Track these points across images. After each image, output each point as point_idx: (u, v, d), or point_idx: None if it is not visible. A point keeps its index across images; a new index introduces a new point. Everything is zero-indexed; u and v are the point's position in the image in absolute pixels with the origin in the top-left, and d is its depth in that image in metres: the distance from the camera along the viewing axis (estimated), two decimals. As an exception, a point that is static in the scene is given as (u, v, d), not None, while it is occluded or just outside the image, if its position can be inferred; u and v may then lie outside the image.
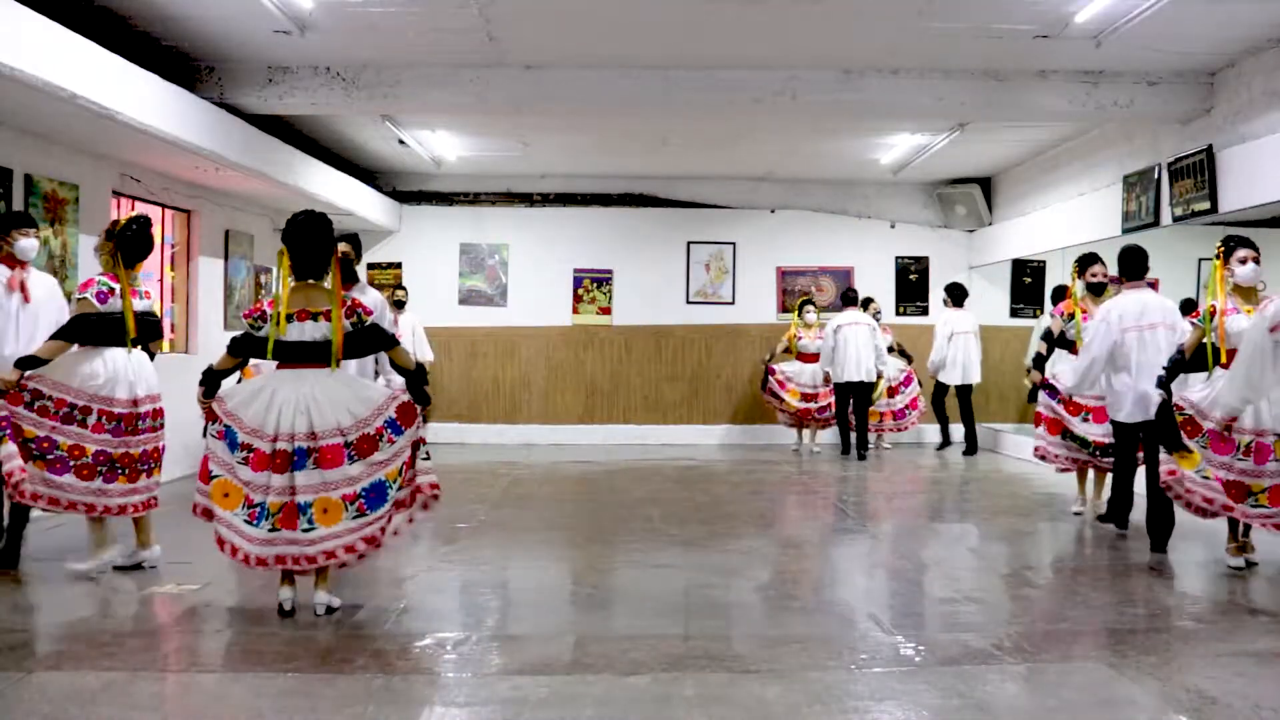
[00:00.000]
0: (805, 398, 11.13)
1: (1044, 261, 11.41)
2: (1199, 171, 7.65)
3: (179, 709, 3.58)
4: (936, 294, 12.45)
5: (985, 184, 12.31)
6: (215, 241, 9.63)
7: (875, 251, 12.67)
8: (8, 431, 4.92)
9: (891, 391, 11.39)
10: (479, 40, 7.26)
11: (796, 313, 11.47)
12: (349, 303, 4.61)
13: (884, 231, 12.71)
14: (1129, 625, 4.62)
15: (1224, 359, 5.43)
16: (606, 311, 12.56)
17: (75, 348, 5.12)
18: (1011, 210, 11.77)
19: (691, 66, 7.89)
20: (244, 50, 7.49)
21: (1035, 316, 11.40)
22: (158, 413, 5.39)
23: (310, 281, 4.61)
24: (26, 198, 6.80)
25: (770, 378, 11.22)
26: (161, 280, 9.03)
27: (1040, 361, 7.14)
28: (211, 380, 4.65)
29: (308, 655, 4.09)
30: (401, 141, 10.28)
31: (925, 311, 12.61)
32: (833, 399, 11.00)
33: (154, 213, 8.87)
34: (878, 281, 12.64)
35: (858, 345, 10.63)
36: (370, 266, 12.41)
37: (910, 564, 5.99)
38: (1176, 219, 8.10)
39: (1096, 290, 6.93)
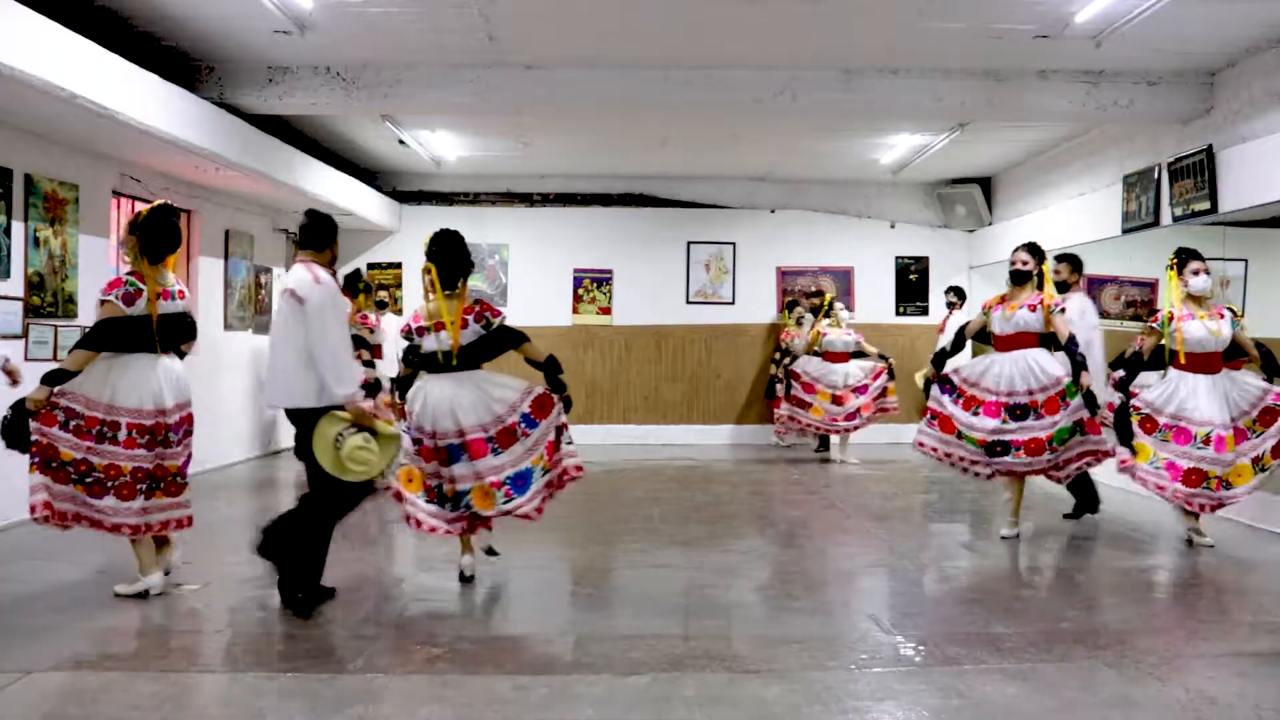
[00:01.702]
0: (835, 400, 10.45)
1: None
2: (1199, 171, 7.65)
3: (179, 709, 3.58)
4: (936, 294, 12.45)
5: (985, 184, 12.32)
6: (215, 241, 9.64)
7: (875, 251, 12.69)
8: (36, 460, 4.63)
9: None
10: (479, 40, 7.26)
11: (824, 311, 10.81)
12: (477, 308, 5.09)
13: (884, 231, 12.71)
14: (1129, 625, 4.62)
15: (1181, 359, 6.14)
16: (606, 311, 12.57)
17: (101, 355, 4.79)
18: (1011, 210, 11.77)
19: (691, 66, 7.89)
20: (244, 50, 7.49)
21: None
22: (186, 420, 4.99)
23: (447, 292, 5.08)
24: (26, 198, 6.81)
25: (795, 382, 10.56)
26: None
27: (941, 358, 6.81)
28: (403, 386, 5.23)
29: (308, 655, 4.10)
30: (401, 141, 10.28)
31: (925, 312, 12.62)
32: (861, 401, 10.41)
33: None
34: (877, 281, 12.66)
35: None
36: (370, 266, 12.44)
37: (910, 564, 5.99)
38: (1176, 219, 8.10)
39: (1017, 279, 6.51)
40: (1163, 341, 6.19)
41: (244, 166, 8.09)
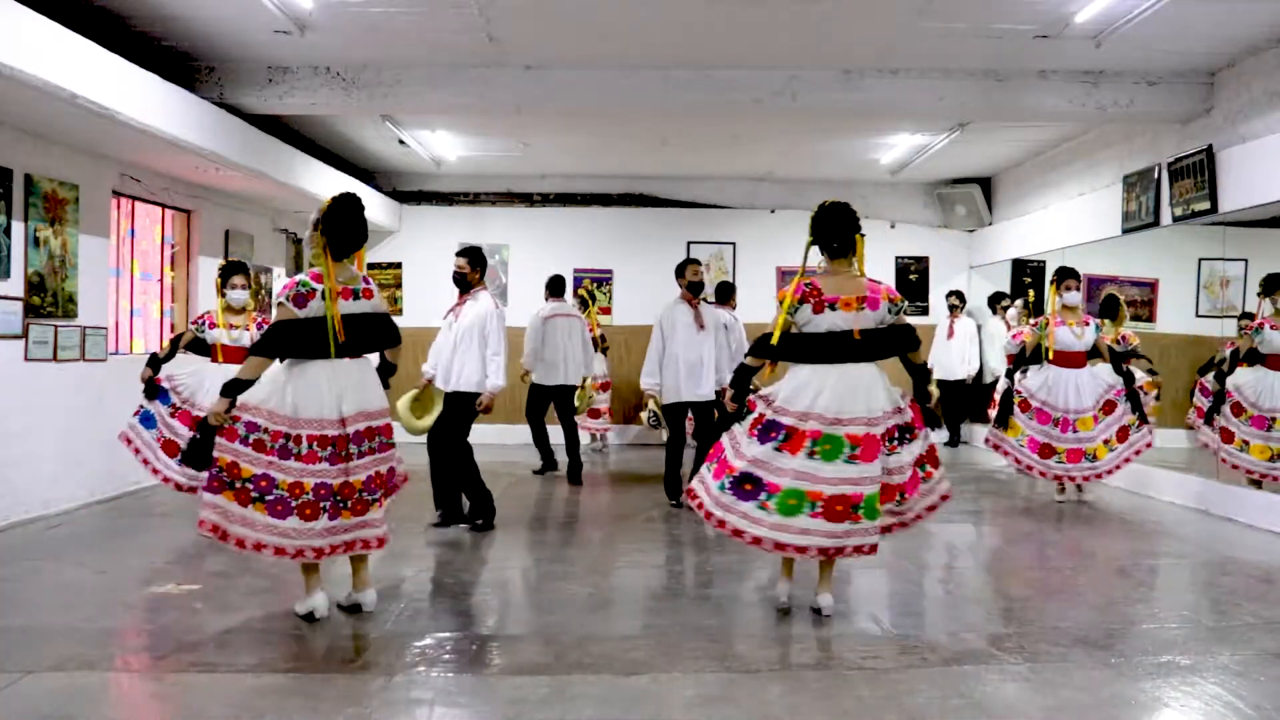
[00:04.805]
0: None
1: (1044, 261, 11.41)
2: (1199, 171, 7.65)
3: (179, 709, 3.58)
4: (936, 295, 12.47)
5: (985, 184, 12.32)
6: (215, 241, 9.63)
7: (875, 251, 12.59)
8: (214, 478, 4.31)
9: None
10: (479, 40, 7.27)
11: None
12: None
13: (884, 231, 12.70)
14: (1129, 625, 4.62)
15: (1051, 356, 7.66)
16: (606, 311, 12.56)
17: (278, 362, 4.46)
18: (1011, 210, 11.77)
19: (691, 66, 7.89)
20: (244, 50, 7.49)
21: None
22: (373, 431, 4.55)
23: None
24: (26, 198, 6.80)
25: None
26: (161, 280, 9.03)
27: (743, 376, 4.73)
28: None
29: (308, 655, 4.10)
30: (401, 141, 10.29)
31: (926, 312, 12.61)
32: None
33: (154, 213, 8.88)
34: (878, 281, 12.64)
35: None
36: (370, 266, 12.43)
37: (910, 564, 5.99)
38: (1176, 219, 8.11)
39: (831, 254, 5.04)
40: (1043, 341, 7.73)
41: (244, 166, 8.09)
